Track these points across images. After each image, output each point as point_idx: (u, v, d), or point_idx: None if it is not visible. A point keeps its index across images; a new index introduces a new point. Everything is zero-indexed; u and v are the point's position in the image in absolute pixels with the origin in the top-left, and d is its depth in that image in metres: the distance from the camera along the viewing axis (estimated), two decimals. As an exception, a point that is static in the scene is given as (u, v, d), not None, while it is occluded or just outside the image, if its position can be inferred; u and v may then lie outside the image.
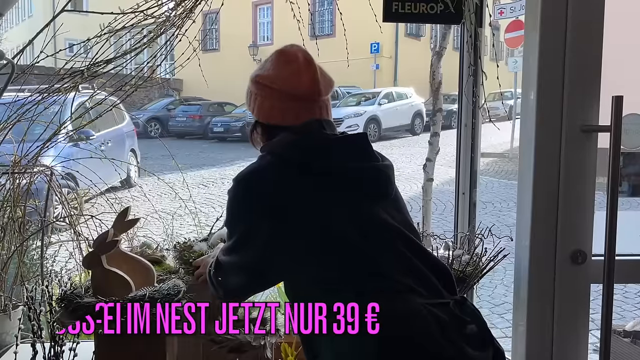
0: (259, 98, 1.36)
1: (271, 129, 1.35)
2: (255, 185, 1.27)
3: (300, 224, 1.22)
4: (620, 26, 1.77)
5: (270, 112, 1.35)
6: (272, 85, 1.33)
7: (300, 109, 1.33)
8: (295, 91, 1.32)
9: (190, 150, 13.86)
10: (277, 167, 1.27)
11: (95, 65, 1.89)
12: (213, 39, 21.82)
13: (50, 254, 2.44)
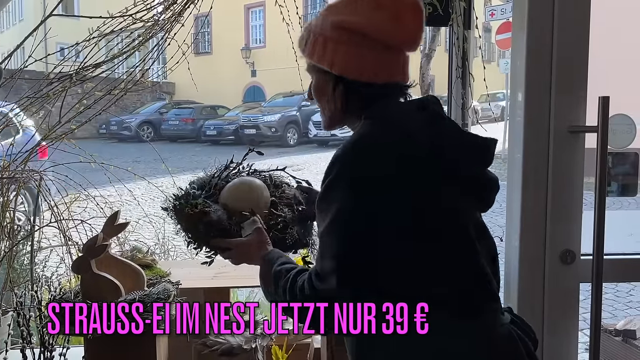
0: (343, 47, 1.08)
1: (360, 87, 1.10)
2: (390, 161, 1.03)
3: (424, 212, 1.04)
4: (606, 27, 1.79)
5: (360, 64, 1.09)
6: (364, 30, 1.08)
7: (394, 62, 1.11)
8: (394, 40, 1.09)
9: (183, 153, 13.82)
10: (398, 142, 1.05)
11: (84, 70, 1.89)
12: (205, 42, 21.80)
13: (41, 259, 2.43)
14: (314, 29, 1.13)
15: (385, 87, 1.11)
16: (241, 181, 1.41)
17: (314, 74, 1.17)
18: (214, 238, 1.29)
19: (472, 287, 1.08)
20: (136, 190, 3.00)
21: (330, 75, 1.12)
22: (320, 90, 1.16)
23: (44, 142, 2.01)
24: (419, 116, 1.10)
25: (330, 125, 1.21)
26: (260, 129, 15.93)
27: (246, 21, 22.53)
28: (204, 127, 16.95)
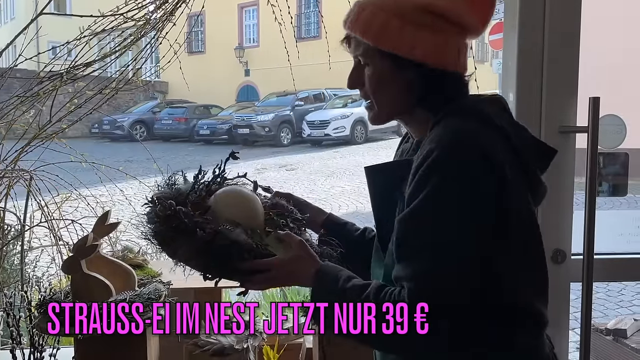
0: (426, 32, 0.97)
1: (438, 75, 1.00)
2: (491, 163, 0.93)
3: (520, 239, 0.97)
4: (597, 28, 1.80)
5: (444, 51, 0.99)
6: (449, 14, 0.98)
7: (463, 49, 1.02)
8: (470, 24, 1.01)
9: (176, 153, 13.78)
10: (497, 141, 0.97)
11: (75, 68, 1.88)
12: (199, 41, 21.74)
13: (32, 259, 2.41)
14: (385, 8, 0.98)
15: (457, 76, 1.02)
16: (233, 191, 1.20)
17: (375, 60, 1.02)
18: (240, 262, 1.04)
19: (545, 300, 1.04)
20: (128, 190, 2.99)
21: (403, 63, 0.99)
22: (384, 81, 1.02)
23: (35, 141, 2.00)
24: (505, 116, 1.02)
25: (385, 119, 1.08)
26: (254, 128, 15.92)
27: (240, 20, 22.50)
28: (197, 126, 16.91)
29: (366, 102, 1.08)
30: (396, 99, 1.04)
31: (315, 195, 8.95)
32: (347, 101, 16.58)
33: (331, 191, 9.24)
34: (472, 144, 0.94)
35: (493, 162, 0.93)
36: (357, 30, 1.01)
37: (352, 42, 1.05)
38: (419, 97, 1.02)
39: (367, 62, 1.03)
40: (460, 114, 0.99)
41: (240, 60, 21.89)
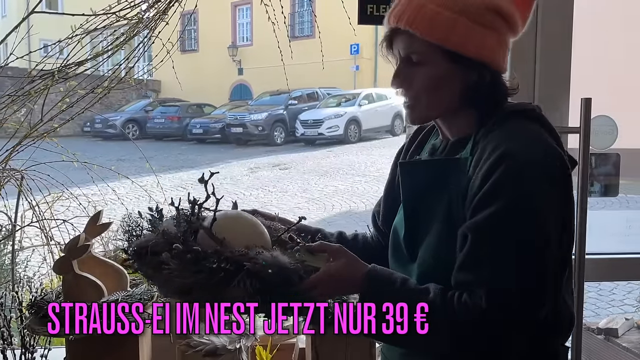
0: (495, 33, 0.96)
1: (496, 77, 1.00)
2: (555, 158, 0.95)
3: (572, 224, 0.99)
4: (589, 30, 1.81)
5: (503, 52, 0.99)
6: (510, 19, 0.97)
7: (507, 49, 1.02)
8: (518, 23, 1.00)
9: (169, 152, 13.73)
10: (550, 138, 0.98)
11: (67, 67, 1.86)
12: (192, 39, 21.67)
13: (23, 259, 2.40)
14: (450, 6, 0.95)
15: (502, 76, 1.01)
16: (236, 218, 1.10)
17: (437, 59, 0.98)
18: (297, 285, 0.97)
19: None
20: (120, 190, 2.97)
21: (468, 63, 0.97)
22: (441, 79, 0.99)
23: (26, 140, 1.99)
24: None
25: (430, 119, 1.07)
26: (247, 127, 15.89)
27: (233, 19, 22.45)
28: (190, 125, 16.85)
29: (407, 101, 1.04)
30: (449, 99, 1.01)
31: (308, 194, 8.95)
32: (341, 100, 16.60)
33: (324, 190, 9.25)
34: (549, 149, 0.94)
35: (563, 164, 0.95)
36: (417, 27, 0.96)
37: (403, 39, 1.00)
38: (473, 98, 1.00)
39: (423, 60, 0.99)
40: (518, 116, 0.99)
41: (233, 59, 21.85)
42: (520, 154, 0.91)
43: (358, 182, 9.74)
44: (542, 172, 0.91)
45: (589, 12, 1.73)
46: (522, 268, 0.89)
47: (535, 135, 0.96)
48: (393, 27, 1.00)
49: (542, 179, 0.91)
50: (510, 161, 0.90)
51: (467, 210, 0.94)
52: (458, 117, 1.04)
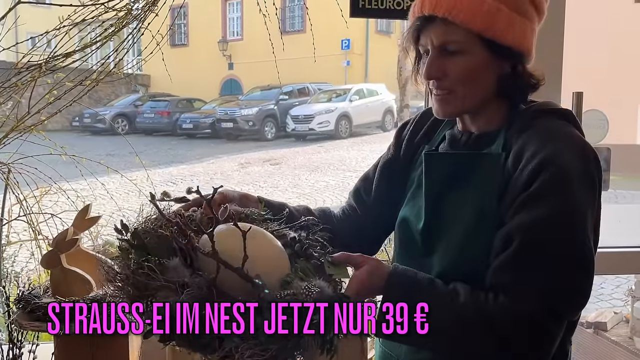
0: (531, 24, 0.97)
1: (526, 67, 1.01)
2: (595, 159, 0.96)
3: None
4: (581, 24, 1.81)
5: (533, 40, 1.00)
6: (539, 6, 0.99)
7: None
8: (543, 13, 1.01)
9: (159, 147, 13.66)
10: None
11: (54, 59, 1.84)
12: (182, 33, 21.52)
13: (10, 254, 2.37)
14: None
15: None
16: (257, 238, 0.91)
17: (475, 48, 0.96)
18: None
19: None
20: (110, 184, 2.94)
21: (507, 53, 0.97)
22: (479, 69, 0.97)
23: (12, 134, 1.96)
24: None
25: (464, 112, 1.04)
26: (238, 122, 15.83)
27: (223, 13, 22.31)
28: (180, 120, 16.76)
29: (441, 92, 1.01)
30: (485, 91, 0.99)
31: (299, 190, 8.94)
32: (332, 96, 16.58)
33: (315, 186, 9.24)
34: (588, 152, 0.95)
35: (601, 167, 0.96)
36: (458, 15, 0.94)
37: (438, 27, 0.96)
38: (507, 89, 0.99)
39: (461, 49, 0.97)
40: (557, 117, 1.00)
41: (223, 54, 21.73)
42: (565, 157, 0.92)
43: (349, 177, 9.74)
44: (585, 176, 0.92)
45: (581, 7, 1.73)
46: (569, 270, 0.90)
47: (573, 137, 0.96)
48: (427, 15, 0.97)
49: (585, 182, 0.92)
50: (555, 164, 0.91)
51: (505, 209, 0.93)
52: (486, 109, 1.03)
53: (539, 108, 1.01)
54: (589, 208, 0.93)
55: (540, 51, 1.66)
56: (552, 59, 1.67)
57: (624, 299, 3.58)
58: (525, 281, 0.89)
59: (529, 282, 0.89)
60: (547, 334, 0.90)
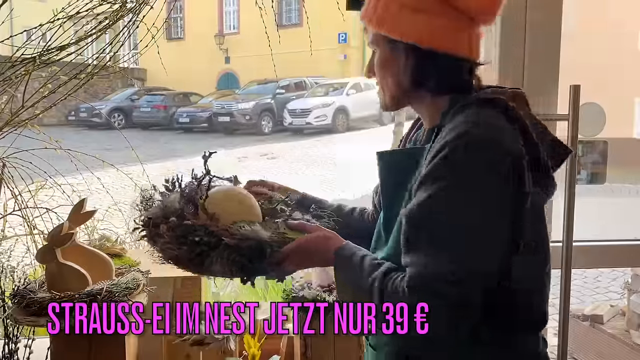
0: (421, 15, 0.99)
1: (437, 58, 1.00)
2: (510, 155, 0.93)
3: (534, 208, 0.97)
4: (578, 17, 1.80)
5: (439, 33, 1.00)
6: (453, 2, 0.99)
7: (472, 35, 1.03)
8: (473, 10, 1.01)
9: (155, 141, 13.62)
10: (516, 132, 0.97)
11: (49, 52, 1.82)
12: (178, 27, 21.42)
13: (6, 248, 2.36)
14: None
15: (461, 60, 1.02)
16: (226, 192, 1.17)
17: (380, 45, 1.06)
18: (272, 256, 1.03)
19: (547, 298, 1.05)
20: (106, 179, 2.93)
21: (401, 46, 1.02)
22: (385, 64, 1.06)
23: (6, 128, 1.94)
24: (526, 110, 1.04)
25: (392, 105, 1.10)
26: (234, 116, 15.79)
27: (219, 7, 22.21)
28: (177, 114, 16.70)
29: (378, 88, 1.11)
30: (396, 83, 1.05)
31: (296, 184, 8.93)
32: (329, 90, 16.54)
33: (313, 180, 9.23)
34: (491, 134, 0.93)
35: (512, 154, 0.93)
36: (365, 18, 1.06)
37: (368, 31, 1.09)
38: (418, 80, 1.03)
39: (374, 48, 1.08)
40: (480, 104, 0.99)
41: (220, 48, 21.64)
42: (460, 145, 0.92)
43: (346, 171, 9.74)
44: (482, 160, 0.92)
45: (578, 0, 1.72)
46: (444, 253, 0.90)
47: (481, 125, 0.94)
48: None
49: (481, 166, 0.91)
50: (450, 147, 0.92)
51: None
52: (425, 104, 1.08)
53: (475, 98, 1.01)
54: (484, 195, 0.91)
55: (537, 44, 1.66)
56: (550, 51, 1.66)
57: (620, 292, 3.59)
58: (411, 263, 0.93)
59: (413, 264, 0.93)
60: (436, 317, 0.90)
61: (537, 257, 1.01)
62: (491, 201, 0.92)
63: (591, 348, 3.00)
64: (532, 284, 1.02)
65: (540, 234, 1.01)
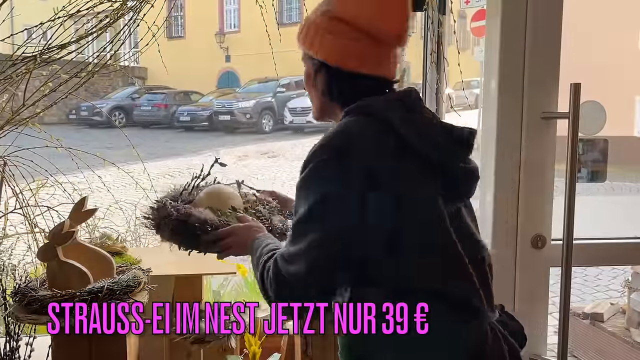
0: (330, 35, 1.12)
1: (342, 74, 1.13)
2: (354, 151, 1.04)
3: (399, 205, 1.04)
4: (579, 16, 1.80)
5: (345, 53, 1.12)
6: (351, 20, 1.11)
7: (380, 56, 1.14)
8: (382, 33, 1.11)
9: (156, 139, 13.61)
10: (377, 134, 1.06)
11: (49, 51, 1.82)
12: (179, 26, 21.40)
13: (7, 247, 2.36)
14: (310, 17, 1.18)
15: (368, 78, 1.13)
16: (214, 187, 1.45)
17: (305, 62, 1.20)
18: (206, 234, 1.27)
19: (452, 281, 1.07)
20: (107, 177, 2.93)
21: (317, 63, 1.16)
22: (307, 78, 1.20)
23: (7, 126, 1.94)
24: (399, 111, 1.10)
25: (318, 115, 1.24)
26: (235, 115, 15.77)
27: (220, 5, 22.19)
28: (177, 113, 16.69)
29: None
30: (316, 97, 1.20)
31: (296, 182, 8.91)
32: (329, 88, 16.51)
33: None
34: (341, 139, 1.06)
35: (361, 155, 1.03)
36: (297, 38, 1.20)
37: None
38: (326, 93, 1.17)
39: (304, 64, 1.22)
40: (349, 112, 1.11)
41: (220, 46, 21.63)
42: (314, 151, 1.07)
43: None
44: (319, 169, 1.04)
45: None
46: (296, 248, 1.04)
47: (336, 133, 1.07)
48: None
49: (319, 175, 1.04)
50: (306, 159, 1.07)
51: None
52: (336, 117, 1.19)
53: (349, 109, 1.12)
54: (319, 196, 1.03)
55: (537, 42, 1.66)
56: (550, 50, 1.66)
57: (620, 290, 3.59)
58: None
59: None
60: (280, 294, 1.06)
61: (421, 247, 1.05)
62: (329, 203, 1.03)
63: (591, 346, 3.01)
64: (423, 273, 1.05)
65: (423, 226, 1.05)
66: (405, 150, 1.05)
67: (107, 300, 1.38)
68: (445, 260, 1.07)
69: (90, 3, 1.80)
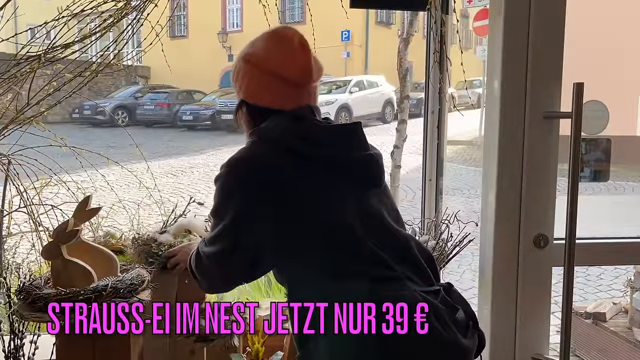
0: (247, 77, 1.33)
1: (258, 110, 1.33)
2: (251, 170, 1.24)
3: (297, 210, 1.21)
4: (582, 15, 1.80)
5: (259, 92, 1.32)
6: (262, 65, 1.30)
7: (289, 92, 1.31)
8: (287, 75, 1.30)
9: (159, 138, 13.63)
10: (271, 153, 1.25)
11: (53, 50, 1.83)
12: (181, 25, 21.42)
13: (11, 245, 2.37)
14: (238, 58, 1.37)
15: (274, 112, 1.30)
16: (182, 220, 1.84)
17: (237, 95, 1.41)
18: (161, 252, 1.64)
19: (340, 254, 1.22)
20: (110, 176, 2.94)
21: (240, 99, 1.36)
22: (236, 108, 1.40)
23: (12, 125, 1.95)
24: (290, 125, 1.28)
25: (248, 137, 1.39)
26: (237, 114, 15.77)
27: (223, 5, 22.20)
28: (180, 112, 16.70)
29: None
30: (244, 124, 1.38)
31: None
32: (332, 87, 16.52)
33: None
34: (237, 157, 1.27)
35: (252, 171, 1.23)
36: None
37: None
38: (255, 124, 1.34)
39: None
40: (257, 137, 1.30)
41: (223, 45, 21.64)
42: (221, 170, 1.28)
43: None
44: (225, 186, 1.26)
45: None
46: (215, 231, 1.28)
47: (234, 157, 1.27)
48: None
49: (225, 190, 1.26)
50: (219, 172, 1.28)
51: None
52: None
53: (251, 132, 1.34)
54: (222, 201, 1.26)
55: (540, 42, 1.66)
56: (553, 49, 1.66)
57: (623, 290, 3.59)
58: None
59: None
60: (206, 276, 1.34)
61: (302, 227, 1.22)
62: (228, 207, 1.24)
63: (593, 345, 3.01)
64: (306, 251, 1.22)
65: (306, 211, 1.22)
66: (289, 153, 1.24)
67: (112, 298, 1.39)
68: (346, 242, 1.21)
69: (94, 2, 1.81)
